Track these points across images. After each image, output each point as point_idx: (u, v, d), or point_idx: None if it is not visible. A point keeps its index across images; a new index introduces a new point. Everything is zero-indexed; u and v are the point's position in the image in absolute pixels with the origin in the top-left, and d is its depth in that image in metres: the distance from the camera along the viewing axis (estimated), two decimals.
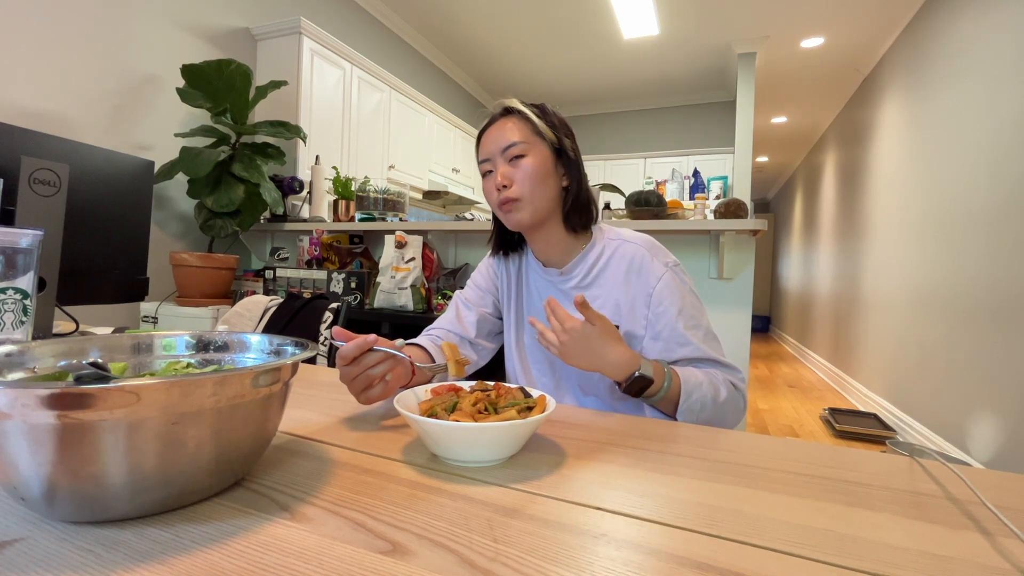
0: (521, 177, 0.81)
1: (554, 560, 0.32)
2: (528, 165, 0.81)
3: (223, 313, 2.11)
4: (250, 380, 0.37)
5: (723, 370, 0.79)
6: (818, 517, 0.40)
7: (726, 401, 0.75)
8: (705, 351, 0.80)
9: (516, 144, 0.81)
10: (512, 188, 0.81)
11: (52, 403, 0.30)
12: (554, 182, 0.84)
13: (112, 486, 0.33)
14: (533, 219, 0.83)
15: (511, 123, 0.83)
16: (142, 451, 0.33)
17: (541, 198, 0.82)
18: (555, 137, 0.84)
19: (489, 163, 0.84)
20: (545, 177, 0.82)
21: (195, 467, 0.36)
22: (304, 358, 0.43)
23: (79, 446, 0.31)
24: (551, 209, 0.84)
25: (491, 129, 0.84)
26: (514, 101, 0.85)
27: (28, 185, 0.81)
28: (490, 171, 0.84)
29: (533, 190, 0.81)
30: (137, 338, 0.51)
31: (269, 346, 0.51)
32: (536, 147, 0.82)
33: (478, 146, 0.87)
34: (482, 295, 0.98)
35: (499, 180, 0.81)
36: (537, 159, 0.82)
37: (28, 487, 0.32)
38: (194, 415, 0.34)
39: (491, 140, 0.83)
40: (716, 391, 0.75)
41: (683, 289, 0.83)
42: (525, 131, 0.82)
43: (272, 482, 0.42)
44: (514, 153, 0.81)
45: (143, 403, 0.32)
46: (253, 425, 0.39)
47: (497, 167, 0.82)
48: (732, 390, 0.77)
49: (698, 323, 0.82)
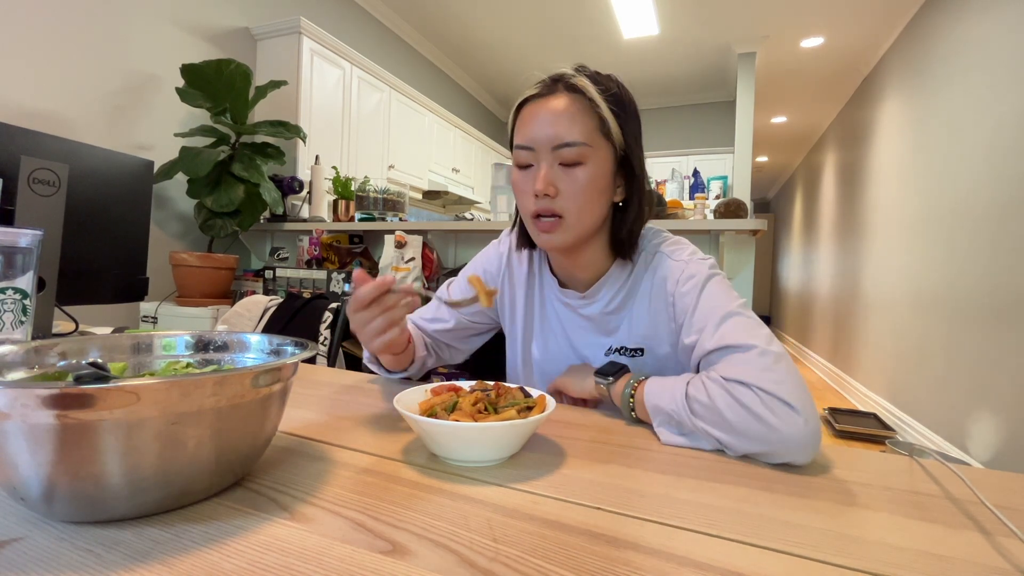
0: (573, 191, 0.62)
1: (554, 560, 0.32)
2: (583, 177, 0.62)
3: (223, 313, 2.10)
4: (250, 380, 0.37)
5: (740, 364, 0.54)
6: (817, 517, 0.40)
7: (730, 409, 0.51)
8: (717, 340, 0.58)
9: (574, 145, 0.61)
10: (556, 201, 0.63)
11: (52, 403, 0.30)
12: (607, 198, 0.66)
13: (112, 486, 0.33)
14: (574, 243, 0.66)
15: (572, 111, 0.62)
16: (141, 451, 0.33)
17: (589, 218, 0.65)
18: (625, 143, 0.65)
19: (530, 154, 0.64)
20: (601, 192, 0.64)
21: (195, 467, 0.36)
22: (304, 358, 0.43)
23: (79, 446, 0.31)
24: (596, 229, 0.68)
25: (543, 106, 0.63)
26: (582, 78, 0.64)
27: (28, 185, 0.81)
28: (528, 164, 0.65)
29: (582, 208, 0.63)
30: (137, 338, 0.51)
31: (269, 346, 0.51)
32: (599, 153, 0.63)
33: (515, 120, 0.67)
34: None
35: (540, 186, 0.62)
36: (597, 170, 0.63)
37: (28, 487, 0.32)
38: (194, 415, 0.34)
39: (541, 124, 0.63)
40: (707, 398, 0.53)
41: (711, 280, 0.65)
42: (589, 128, 0.62)
43: (272, 482, 0.42)
44: (570, 158, 0.62)
45: (143, 403, 0.32)
46: (253, 425, 0.39)
47: (541, 166, 0.63)
48: (742, 397, 0.51)
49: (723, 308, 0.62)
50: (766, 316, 8.81)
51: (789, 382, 0.51)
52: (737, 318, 0.59)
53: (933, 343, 2.75)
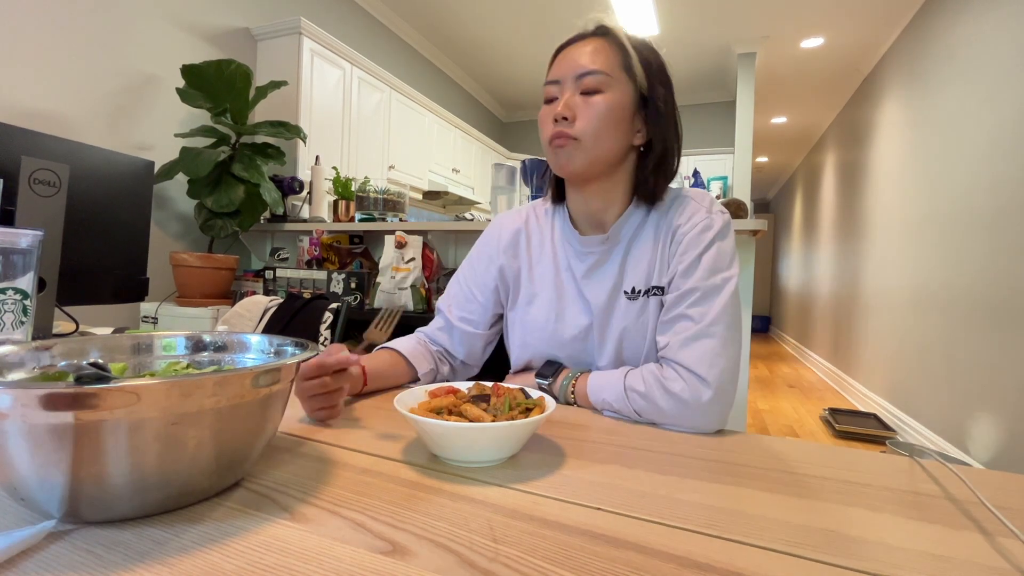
0: (590, 114, 0.66)
1: (554, 560, 0.32)
2: (601, 103, 0.66)
3: (223, 313, 2.11)
4: (250, 380, 0.37)
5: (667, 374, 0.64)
6: (818, 517, 0.40)
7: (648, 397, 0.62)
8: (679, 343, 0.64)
9: (595, 74, 0.66)
10: (574, 125, 0.67)
11: (52, 403, 0.30)
12: (626, 133, 0.69)
13: (112, 486, 0.33)
14: (586, 169, 0.69)
15: (598, 46, 0.68)
16: (142, 451, 0.33)
17: (604, 145, 0.68)
18: (647, 80, 0.69)
19: (556, 87, 0.69)
20: (618, 123, 0.68)
21: (195, 467, 0.36)
22: (304, 359, 0.43)
23: (79, 446, 0.31)
24: (612, 164, 0.70)
25: (572, 47, 0.69)
26: (610, 21, 0.70)
27: (28, 185, 0.81)
28: (554, 98, 0.69)
29: (598, 133, 0.67)
30: (137, 338, 0.51)
31: (269, 346, 0.51)
32: (619, 84, 0.67)
33: (550, 66, 0.71)
34: (486, 291, 0.82)
35: (560, 109, 0.66)
36: (615, 98, 0.67)
37: (28, 487, 0.32)
38: (194, 415, 0.34)
39: (567, 60, 0.68)
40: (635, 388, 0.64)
41: (721, 246, 0.69)
42: (612, 61, 0.67)
43: (272, 482, 0.42)
44: (590, 85, 0.67)
45: (143, 403, 0.32)
46: (253, 425, 0.39)
47: (563, 94, 0.68)
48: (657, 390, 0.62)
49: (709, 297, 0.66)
50: (766, 316, 8.82)
51: (717, 368, 0.61)
52: (721, 294, 0.65)
53: (933, 343, 2.75)
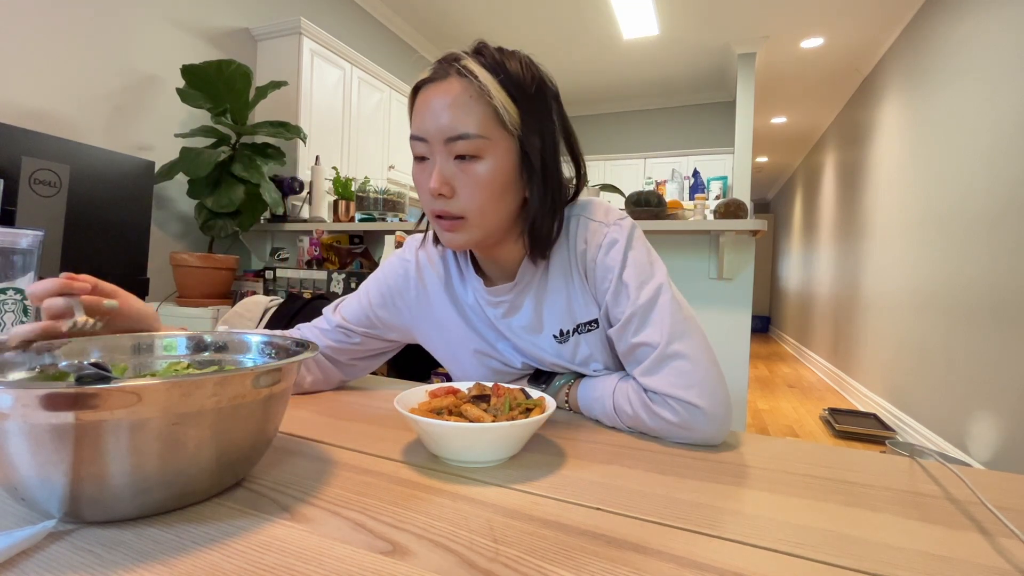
0: (470, 190, 0.56)
1: (554, 560, 0.32)
2: (482, 173, 0.56)
3: (223, 313, 2.11)
4: (251, 381, 0.37)
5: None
6: (818, 517, 0.40)
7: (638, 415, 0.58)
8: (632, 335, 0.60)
9: (470, 139, 0.55)
10: (455, 201, 0.57)
11: (53, 403, 0.30)
12: (515, 194, 0.60)
13: (113, 487, 0.33)
14: (479, 243, 0.61)
15: (462, 96, 0.55)
16: (143, 452, 0.33)
17: (494, 218, 0.59)
18: (522, 126, 0.57)
19: (424, 146, 0.57)
20: (504, 189, 0.58)
21: (196, 468, 0.36)
22: (305, 358, 0.43)
23: (79, 447, 0.31)
24: (509, 226, 0.62)
25: (435, 92, 0.56)
26: (472, 61, 0.56)
27: (29, 185, 0.81)
28: (425, 158, 0.58)
29: (484, 208, 0.57)
30: (138, 339, 0.51)
31: (269, 347, 0.51)
32: (499, 145, 0.56)
33: (411, 107, 0.60)
34: (370, 318, 0.73)
35: (434, 185, 0.56)
36: (497, 165, 0.56)
37: (28, 487, 0.32)
38: (195, 415, 0.34)
39: (431, 114, 0.55)
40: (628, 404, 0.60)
41: (632, 247, 0.63)
42: (484, 118, 0.55)
43: (272, 482, 0.42)
44: (465, 151, 0.55)
45: (144, 403, 0.32)
46: (254, 426, 0.39)
47: (435, 160, 0.56)
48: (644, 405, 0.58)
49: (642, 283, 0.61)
50: (766, 316, 8.82)
51: (698, 385, 0.56)
52: (658, 307, 0.60)
53: (933, 343, 2.75)
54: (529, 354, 0.69)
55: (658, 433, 0.58)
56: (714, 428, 0.56)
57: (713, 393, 0.55)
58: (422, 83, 0.58)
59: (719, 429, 0.56)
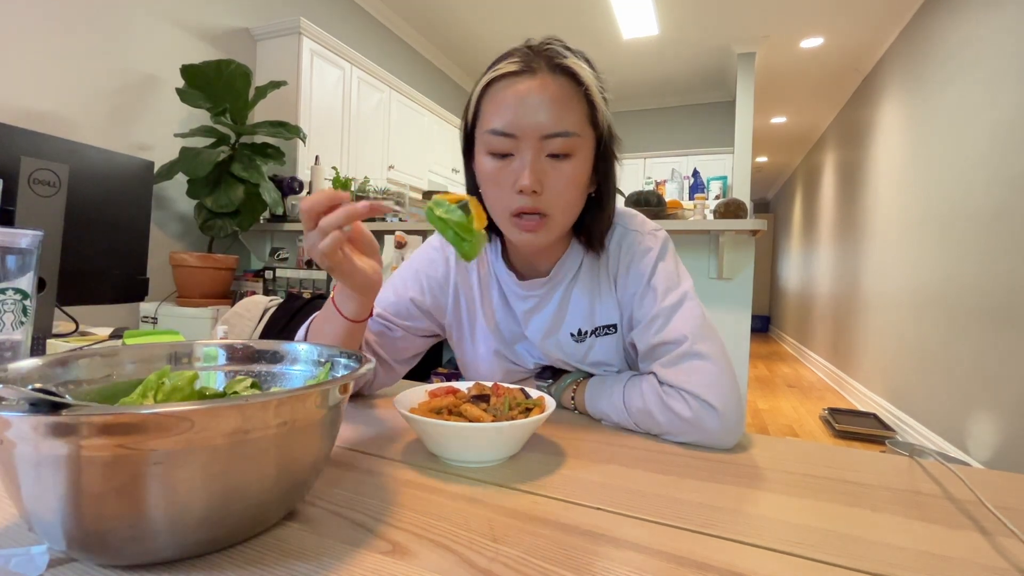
0: (559, 188, 0.56)
1: (554, 560, 0.32)
2: (571, 172, 0.56)
3: (223, 313, 2.10)
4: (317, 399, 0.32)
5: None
6: (818, 517, 0.40)
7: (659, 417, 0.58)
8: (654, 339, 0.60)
9: (566, 136, 0.54)
10: (542, 198, 0.56)
11: (63, 431, 0.25)
12: (585, 192, 0.61)
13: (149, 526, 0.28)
14: (552, 243, 0.62)
15: (562, 95, 0.54)
16: (185, 487, 0.28)
17: (572, 216, 0.60)
18: (607, 130, 0.59)
19: (511, 142, 0.55)
20: (585, 188, 0.60)
21: (258, 494, 0.31)
22: (364, 372, 0.38)
23: (108, 480, 0.26)
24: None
25: (528, 87, 0.54)
26: (573, 58, 0.55)
27: (28, 185, 0.81)
28: (507, 153, 0.56)
29: (567, 206, 0.58)
30: (175, 347, 0.46)
31: (318, 357, 0.46)
32: (586, 144, 0.57)
33: (482, 98, 0.57)
34: (415, 309, 0.71)
35: (528, 182, 0.54)
36: (583, 164, 0.57)
37: (48, 529, 0.28)
38: (255, 440, 0.29)
39: (527, 110, 0.53)
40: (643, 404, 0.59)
41: (665, 261, 0.64)
42: (580, 116, 0.55)
43: None
44: (561, 148, 0.55)
45: (196, 430, 0.27)
46: (315, 448, 0.34)
47: (527, 158, 0.54)
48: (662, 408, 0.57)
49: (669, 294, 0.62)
50: (766, 316, 8.82)
51: (716, 386, 0.56)
52: (683, 309, 0.61)
53: (933, 343, 2.76)
54: (544, 351, 0.70)
55: (666, 429, 0.57)
56: (724, 431, 0.55)
57: (728, 397, 0.55)
58: (503, 76, 0.55)
59: (729, 433, 0.55)
